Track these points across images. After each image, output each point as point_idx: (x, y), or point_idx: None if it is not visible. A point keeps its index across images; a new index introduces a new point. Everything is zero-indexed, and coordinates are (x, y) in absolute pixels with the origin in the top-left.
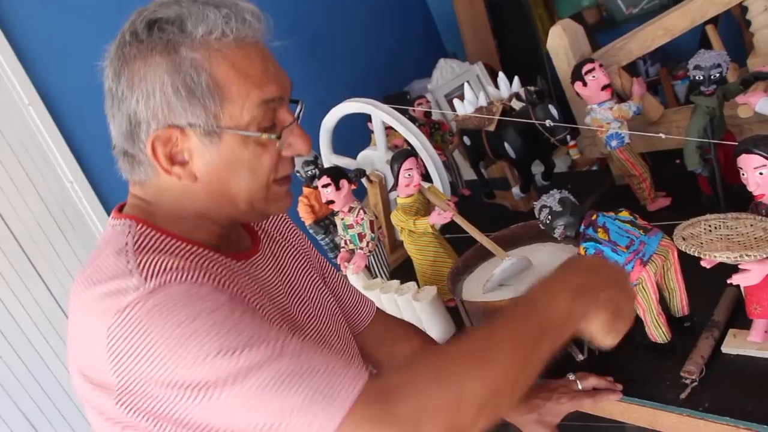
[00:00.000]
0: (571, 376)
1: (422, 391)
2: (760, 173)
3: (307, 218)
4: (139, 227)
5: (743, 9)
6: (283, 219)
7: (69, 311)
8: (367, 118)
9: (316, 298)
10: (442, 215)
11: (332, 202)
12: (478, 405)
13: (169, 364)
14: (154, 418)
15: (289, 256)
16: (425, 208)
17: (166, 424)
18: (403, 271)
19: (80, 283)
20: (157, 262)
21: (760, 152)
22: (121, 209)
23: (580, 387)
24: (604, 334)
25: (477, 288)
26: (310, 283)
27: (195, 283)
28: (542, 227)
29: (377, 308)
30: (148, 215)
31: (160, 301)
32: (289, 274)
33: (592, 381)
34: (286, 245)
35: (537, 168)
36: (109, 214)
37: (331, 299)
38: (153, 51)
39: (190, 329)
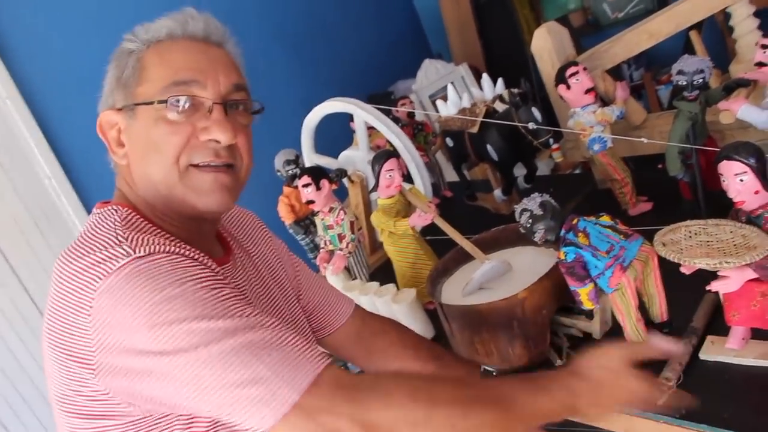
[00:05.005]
0: None
1: (394, 402)
2: (741, 180)
3: (287, 218)
4: (125, 210)
5: (726, 15)
6: (254, 226)
7: (52, 286)
8: (350, 117)
9: (282, 309)
10: (422, 217)
11: (312, 202)
12: None
13: (148, 330)
14: (129, 382)
15: (260, 266)
16: (406, 209)
17: (139, 385)
18: (382, 272)
19: (67, 258)
20: (144, 239)
21: (740, 159)
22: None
23: None
24: None
25: (456, 291)
26: (279, 293)
27: (180, 255)
28: (523, 231)
29: (355, 305)
30: (130, 203)
31: (147, 267)
32: (256, 285)
33: None
34: (257, 255)
35: (520, 171)
36: (88, 211)
37: (299, 311)
38: (113, 55)
39: (173, 294)
